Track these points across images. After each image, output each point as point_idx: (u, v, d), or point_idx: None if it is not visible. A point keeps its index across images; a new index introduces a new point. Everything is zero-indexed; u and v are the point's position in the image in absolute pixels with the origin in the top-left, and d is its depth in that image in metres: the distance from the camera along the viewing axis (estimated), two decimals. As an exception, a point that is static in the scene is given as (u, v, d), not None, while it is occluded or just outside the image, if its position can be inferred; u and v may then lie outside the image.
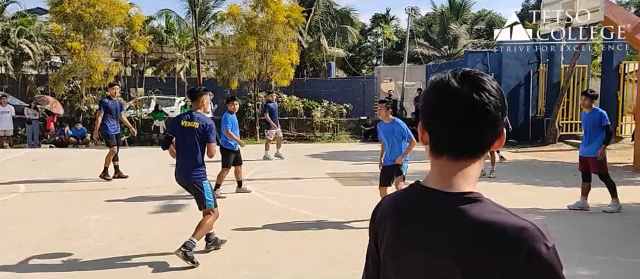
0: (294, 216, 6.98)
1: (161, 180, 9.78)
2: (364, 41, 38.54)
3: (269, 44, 17.89)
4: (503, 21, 38.71)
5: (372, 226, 1.28)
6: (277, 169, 11.46)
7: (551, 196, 8.36)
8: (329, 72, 27.23)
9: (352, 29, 30.52)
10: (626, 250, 5.45)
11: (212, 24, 31.72)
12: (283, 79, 18.14)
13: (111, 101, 9.69)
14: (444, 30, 32.42)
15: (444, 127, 1.12)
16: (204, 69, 27.15)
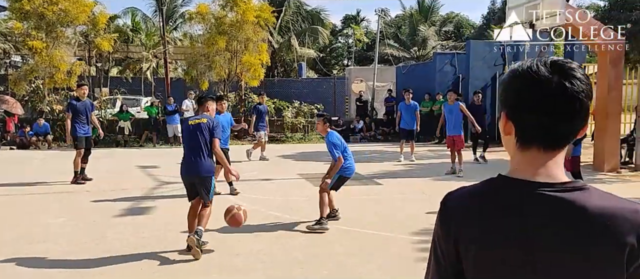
0: (264, 217, 6.93)
1: (126, 182, 9.58)
2: (335, 42, 38.67)
3: (239, 44, 17.74)
4: (470, 23, 39.57)
5: (445, 226, 1.17)
6: (247, 170, 11.36)
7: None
8: (299, 73, 27.20)
9: (323, 30, 30.58)
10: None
11: (180, 23, 31.25)
12: (253, 79, 18.01)
13: (80, 101, 9.41)
14: (413, 31, 32.82)
15: (533, 117, 1.08)
16: (172, 68, 26.70)
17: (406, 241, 5.79)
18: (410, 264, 5.07)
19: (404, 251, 5.44)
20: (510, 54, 16.61)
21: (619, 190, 8.75)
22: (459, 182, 9.51)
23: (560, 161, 1.11)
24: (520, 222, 1.07)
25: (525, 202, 1.08)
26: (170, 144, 17.12)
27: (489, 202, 1.13)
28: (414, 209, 7.42)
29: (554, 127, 1.08)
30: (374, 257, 5.28)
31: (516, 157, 1.14)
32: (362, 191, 8.80)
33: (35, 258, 5.16)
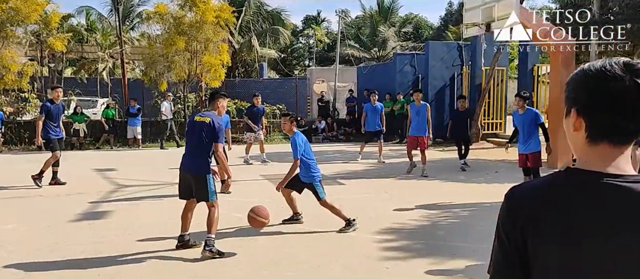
0: (226, 220, 6.81)
1: (82, 186, 9.26)
2: (296, 42, 38.65)
3: (199, 44, 17.45)
4: (428, 25, 40.43)
5: (511, 219, 1.20)
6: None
7: (476, 191, 8.76)
8: (260, 73, 27.02)
9: (284, 30, 30.50)
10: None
11: (137, 23, 30.50)
12: (214, 79, 17.74)
13: (54, 104, 9.19)
14: (373, 32, 33.18)
15: (606, 116, 1.11)
16: (130, 69, 26.00)
17: (371, 241, 5.83)
18: (376, 263, 5.11)
19: (369, 251, 5.47)
20: (467, 55, 17.06)
21: (570, 185, 9.17)
22: (421, 181, 9.68)
23: (628, 154, 1.16)
24: (600, 213, 1.10)
25: (603, 193, 1.11)
26: (129, 146, 16.67)
27: (565, 195, 1.14)
28: (377, 209, 7.50)
29: (625, 125, 1.11)
30: (339, 257, 5.29)
31: (585, 152, 1.17)
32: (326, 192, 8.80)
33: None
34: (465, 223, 6.65)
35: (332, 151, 15.23)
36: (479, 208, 7.46)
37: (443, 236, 6.07)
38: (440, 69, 16.92)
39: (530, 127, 7.64)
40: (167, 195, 8.56)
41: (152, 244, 5.65)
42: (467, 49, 17.04)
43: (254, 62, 29.32)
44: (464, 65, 17.10)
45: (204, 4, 16.77)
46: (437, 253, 5.36)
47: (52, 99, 9.31)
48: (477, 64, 16.53)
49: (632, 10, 10.97)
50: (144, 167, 12.16)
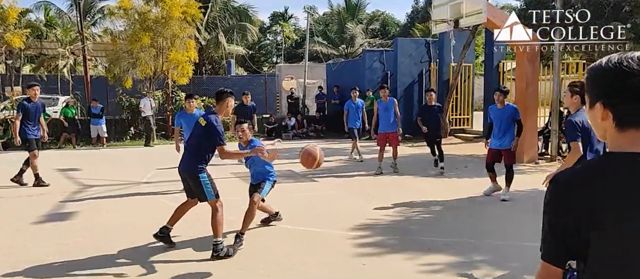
0: (199, 219, 6.67)
1: (45, 187, 8.91)
2: (263, 39, 38.36)
3: (165, 41, 17.06)
4: (395, 22, 40.81)
5: (560, 203, 1.31)
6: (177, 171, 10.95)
7: (447, 186, 8.86)
8: (228, 70, 26.68)
9: (252, 27, 30.21)
10: (515, 234, 5.92)
11: (98, 19, 29.63)
12: (181, 77, 17.40)
13: (31, 103, 8.88)
14: (341, 29, 33.26)
15: (629, 105, 1.25)
16: (92, 66, 25.21)
17: (344, 237, 5.81)
18: (352, 259, 5.07)
19: (344, 247, 5.44)
20: (435, 51, 17.27)
21: (538, 180, 9.29)
22: (392, 177, 9.73)
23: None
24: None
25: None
26: (92, 145, 16.16)
27: (610, 176, 1.26)
28: (349, 205, 7.48)
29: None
30: (314, 254, 5.24)
31: (616, 137, 1.30)
32: (298, 189, 8.75)
33: (-60, 275, 4.63)
34: (438, 218, 6.70)
35: (302, 147, 15.13)
36: (451, 203, 7.54)
37: (417, 231, 6.09)
38: (409, 66, 17.06)
39: (508, 122, 7.56)
40: (134, 193, 8.33)
41: (120, 246, 5.46)
42: (434, 46, 17.24)
43: (222, 59, 28.94)
44: (431, 62, 17.30)
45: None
46: (412, 248, 5.37)
47: (29, 97, 9.01)
48: (444, 60, 16.76)
49: (593, 7, 11.29)
50: (110, 166, 11.80)
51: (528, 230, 6.00)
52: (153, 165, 11.61)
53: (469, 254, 5.16)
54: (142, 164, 11.88)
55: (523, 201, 7.71)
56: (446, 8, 11.03)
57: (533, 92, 11.40)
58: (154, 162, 12.24)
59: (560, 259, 1.34)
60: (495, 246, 5.42)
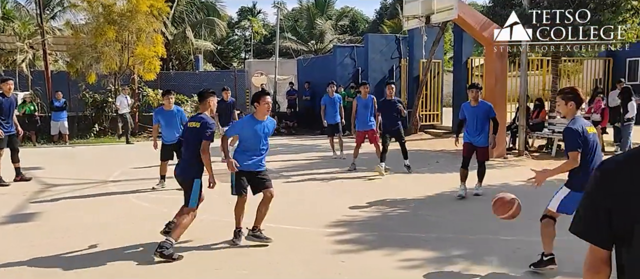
0: (170, 218, 6.48)
1: (5, 186, 8.50)
2: (232, 34, 37.87)
3: (131, 35, 16.58)
4: (364, 18, 40.98)
5: (603, 189, 1.37)
6: (144, 169, 10.65)
7: (421, 182, 8.91)
8: (196, 66, 26.18)
9: (220, 22, 29.75)
10: (490, 228, 5.97)
11: (58, 12, 28.55)
12: (148, 72, 16.95)
13: (5, 98, 8.53)
14: (310, 25, 33.16)
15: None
16: (52, 60, 24.29)
17: (322, 234, 5.74)
18: (330, 257, 5.01)
19: (322, 245, 5.37)
20: (405, 48, 17.39)
21: (507, 174, 9.51)
22: (366, 173, 9.68)
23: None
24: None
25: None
26: (54, 143, 15.56)
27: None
28: (325, 202, 7.42)
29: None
30: (292, 253, 5.15)
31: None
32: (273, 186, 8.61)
33: None
34: (414, 214, 6.71)
35: (274, 144, 14.94)
36: (426, 199, 7.57)
37: (394, 227, 6.08)
38: (380, 62, 17.13)
39: (483, 120, 7.32)
40: (102, 193, 8.04)
41: (91, 248, 5.24)
42: (404, 42, 17.35)
43: (189, 54, 28.38)
44: (402, 58, 17.41)
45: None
46: (390, 244, 5.35)
47: (3, 92, 8.62)
48: (414, 56, 16.89)
49: (559, 4, 11.54)
50: (74, 165, 11.38)
51: (502, 224, 6.06)
52: (120, 163, 11.27)
53: (447, 250, 5.17)
54: (108, 163, 11.50)
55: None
56: (417, 4, 11.06)
57: (502, 89, 11.59)
58: (121, 160, 11.88)
59: (605, 242, 1.36)
60: (472, 241, 5.46)
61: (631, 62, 18.17)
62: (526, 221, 5.11)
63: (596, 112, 11.84)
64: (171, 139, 8.12)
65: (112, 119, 17.24)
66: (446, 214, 6.61)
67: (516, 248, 5.15)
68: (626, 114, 11.57)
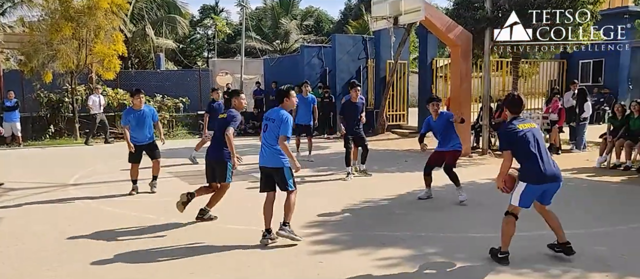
0: (139, 221, 6.28)
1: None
2: (194, 33, 37.21)
3: (89, 32, 16.00)
4: (329, 18, 41.05)
5: None
6: (106, 171, 10.29)
7: (392, 181, 8.96)
8: (157, 64, 25.52)
9: (182, 19, 29.12)
10: (462, 225, 6.06)
11: (9, 7, 27.23)
12: (107, 71, 16.39)
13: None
14: (275, 24, 32.96)
15: None
16: (3, 59, 23.17)
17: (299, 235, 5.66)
18: (308, 257, 4.96)
19: (299, 246, 5.30)
20: (372, 48, 17.51)
21: (473, 173, 9.69)
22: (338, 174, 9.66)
23: None
24: None
25: None
26: (7, 145, 14.82)
27: None
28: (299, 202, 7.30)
29: None
30: (268, 254, 5.06)
31: None
32: (242, 187, 8.48)
33: None
34: (387, 212, 6.73)
35: (242, 145, 14.74)
36: (398, 197, 7.62)
37: (369, 226, 6.08)
38: (347, 62, 17.19)
39: (447, 128, 7.26)
40: (62, 199, 7.67)
41: (51, 254, 4.99)
42: (371, 43, 17.47)
43: (149, 52, 27.66)
44: (369, 59, 17.53)
45: (97, -12, 15.40)
46: (366, 244, 5.34)
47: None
48: (381, 57, 17.03)
49: (519, 7, 11.87)
50: (29, 168, 10.86)
51: (473, 221, 6.18)
52: (79, 166, 10.84)
53: (422, 248, 5.21)
54: (66, 165, 11.04)
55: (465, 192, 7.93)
56: (385, 5, 11.13)
57: (467, 88, 11.82)
58: (80, 162, 11.44)
59: None
60: (446, 238, 5.52)
61: (583, 64, 18.92)
62: (497, 217, 5.20)
63: (554, 112, 12.23)
64: (142, 140, 7.85)
65: (68, 119, 16.62)
66: (418, 213, 6.66)
67: (488, 244, 5.23)
68: (582, 114, 12.05)
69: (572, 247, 4.72)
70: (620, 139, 9.76)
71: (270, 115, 5.48)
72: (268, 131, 5.39)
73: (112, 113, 17.77)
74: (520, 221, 4.75)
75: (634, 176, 9.00)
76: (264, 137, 5.44)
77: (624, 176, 9.01)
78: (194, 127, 17.66)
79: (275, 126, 5.32)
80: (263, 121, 5.55)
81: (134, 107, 7.86)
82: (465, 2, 12.68)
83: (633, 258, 4.81)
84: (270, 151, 5.37)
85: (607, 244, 5.23)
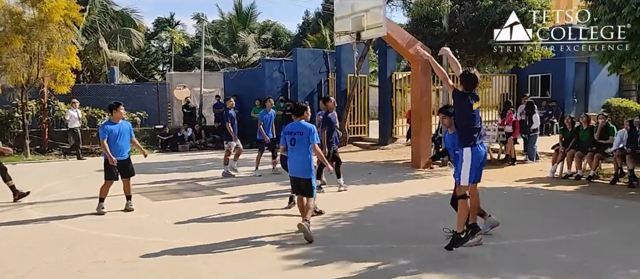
0: (100, 240, 6.08)
1: None
2: (150, 46, 36.47)
3: (41, 46, 15.43)
4: (287, 32, 41.22)
5: None
6: (64, 188, 9.92)
7: (358, 193, 9.05)
8: (111, 78, 24.84)
9: (137, 32, 28.46)
10: (430, 236, 6.20)
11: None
12: (60, 85, 15.82)
13: None
14: (233, 38, 32.77)
15: None
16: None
17: (269, 250, 5.65)
18: (281, 273, 4.96)
19: (270, 260, 5.28)
20: (333, 62, 17.73)
21: (434, 183, 9.95)
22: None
23: None
24: None
25: None
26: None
27: None
28: (267, 217, 7.32)
29: None
30: (242, 269, 5.02)
31: None
32: (208, 202, 8.37)
33: None
34: (357, 225, 6.81)
35: (204, 159, 14.57)
36: (365, 209, 7.71)
37: (340, 239, 6.12)
38: (309, 76, 17.34)
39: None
40: (17, 222, 7.30)
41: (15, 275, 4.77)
42: (332, 57, 17.70)
43: (102, 65, 26.87)
44: (330, 72, 17.73)
45: (51, 1, 14.88)
46: (339, 258, 5.37)
47: None
48: (342, 71, 17.27)
49: (475, 24, 12.38)
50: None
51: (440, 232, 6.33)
52: (34, 183, 10.36)
53: (394, 259, 5.30)
54: (19, 183, 10.51)
55: (430, 203, 8.16)
56: (348, 21, 11.33)
57: (427, 101, 12.16)
58: (33, 180, 10.94)
59: None
60: (417, 250, 5.64)
61: (532, 78, 19.84)
62: (468, 228, 5.38)
63: (508, 125, 12.74)
64: (120, 156, 7.62)
65: (18, 135, 15.90)
66: (387, 225, 6.77)
67: (461, 254, 5.39)
68: (531, 126, 12.61)
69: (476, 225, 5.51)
70: (571, 150, 10.29)
71: (294, 129, 6.24)
72: (297, 144, 6.17)
73: (64, 129, 17.17)
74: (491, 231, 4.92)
75: (585, 185, 9.49)
76: (293, 150, 6.21)
77: (577, 186, 9.49)
78: (151, 141, 17.25)
79: (304, 138, 6.13)
80: (287, 136, 6.29)
81: (113, 121, 7.66)
82: (423, 19, 13.08)
83: (593, 265, 5.07)
84: (302, 160, 6.17)
85: (567, 252, 5.49)
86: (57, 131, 17.22)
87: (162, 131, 17.61)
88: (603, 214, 7.29)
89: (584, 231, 6.31)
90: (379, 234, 6.31)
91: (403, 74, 18.40)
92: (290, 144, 6.19)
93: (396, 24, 12.71)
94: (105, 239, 6.15)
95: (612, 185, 9.34)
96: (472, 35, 12.36)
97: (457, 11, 12.42)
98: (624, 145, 9.49)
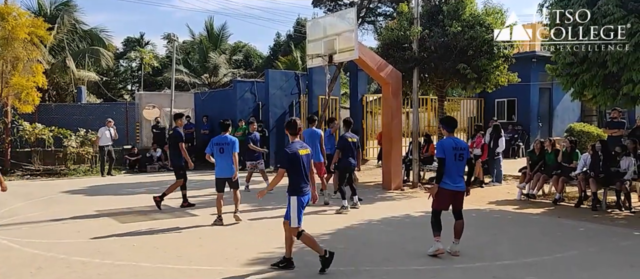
0: (69, 265, 5.89)
1: None
2: (118, 65, 35.93)
3: (5, 64, 15.03)
4: (258, 54, 41.28)
5: None
6: (25, 211, 9.58)
7: (328, 216, 9.05)
8: (79, 97, 24.28)
9: (106, 52, 28.02)
10: (403, 258, 6.24)
11: None
12: (25, 104, 15.40)
13: None
14: (203, 58, 32.59)
15: None
16: None
17: (242, 274, 5.59)
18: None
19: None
20: (304, 84, 17.85)
21: (405, 205, 10.05)
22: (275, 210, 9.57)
23: None
24: None
25: None
26: None
27: None
28: (239, 239, 7.23)
29: None
30: (215, 295, 4.94)
31: None
32: (180, 224, 8.22)
33: None
34: (329, 247, 6.73)
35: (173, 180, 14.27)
36: (337, 231, 7.70)
37: (312, 263, 6.06)
38: (280, 97, 17.37)
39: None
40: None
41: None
42: (304, 79, 17.81)
43: (69, 84, 26.26)
44: (301, 94, 17.82)
45: (15, 19, 14.56)
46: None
47: None
48: (314, 93, 17.38)
49: (444, 49, 12.70)
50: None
51: (414, 254, 6.39)
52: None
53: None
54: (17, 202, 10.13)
55: (402, 225, 8.22)
56: (320, 44, 11.49)
57: (398, 124, 12.34)
58: None
59: None
60: (388, 272, 5.66)
61: (499, 103, 20.41)
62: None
63: (477, 147, 13.02)
64: None
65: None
66: (360, 247, 6.78)
67: (431, 276, 5.44)
68: (496, 149, 12.89)
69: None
70: (538, 173, 10.59)
71: (222, 141, 8.16)
72: (225, 152, 8.06)
73: (28, 149, 16.66)
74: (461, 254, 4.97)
75: (551, 208, 9.75)
76: (221, 157, 8.12)
77: (543, 208, 9.73)
78: (119, 162, 16.86)
79: (230, 147, 8.06)
80: (216, 146, 8.14)
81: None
82: (394, 43, 13.34)
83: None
84: (228, 165, 8.13)
85: (536, 274, 5.60)
86: (20, 151, 16.68)
87: (130, 151, 17.26)
88: (569, 237, 7.49)
89: (551, 254, 6.46)
90: (352, 257, 6.31)
91: (374, 96, 18.66)
92: (219, 152, 8.05)
93: (367, 48, 12.92)
94: (72, 263, 5.96)
95: (577, 208, 9.60)
96: (441, 59, 12.65)
97: (426, 36, 12.71)
98: (587, 169, 9.82)
